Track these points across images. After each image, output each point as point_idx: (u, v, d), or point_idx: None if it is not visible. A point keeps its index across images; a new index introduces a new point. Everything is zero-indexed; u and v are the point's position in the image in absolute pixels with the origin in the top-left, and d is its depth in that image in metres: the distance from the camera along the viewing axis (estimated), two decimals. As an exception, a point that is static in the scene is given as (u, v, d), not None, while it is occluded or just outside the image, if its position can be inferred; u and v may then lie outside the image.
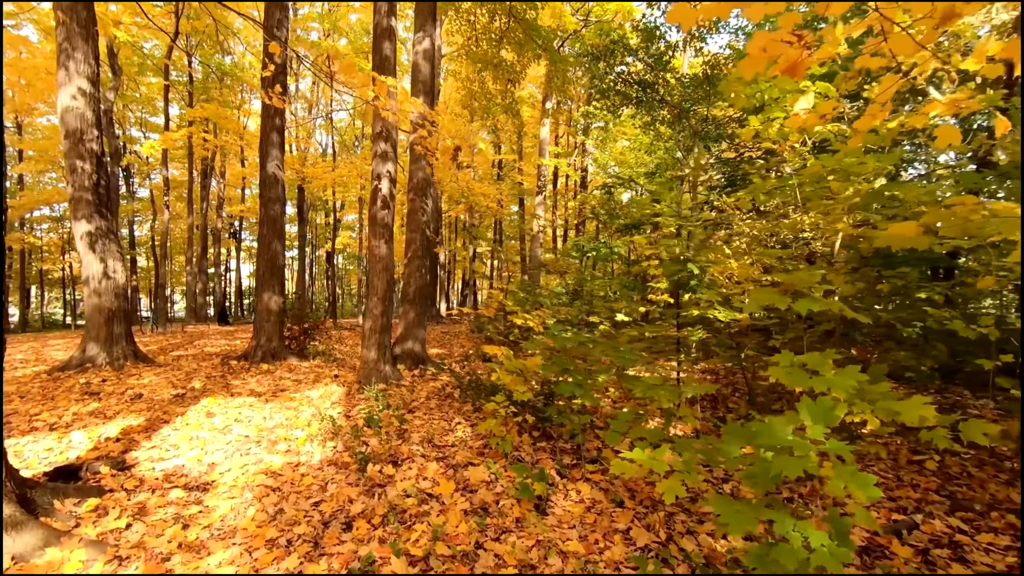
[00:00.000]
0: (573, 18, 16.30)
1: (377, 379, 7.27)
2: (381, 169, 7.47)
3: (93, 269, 8.80)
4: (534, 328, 6.87)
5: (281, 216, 10.07)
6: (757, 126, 5.57)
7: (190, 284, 28.06)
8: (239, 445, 4.78)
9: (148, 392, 6.86)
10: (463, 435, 5.00)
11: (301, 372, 8.67)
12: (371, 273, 7.58)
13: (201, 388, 7.19)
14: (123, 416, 5.62)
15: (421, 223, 8.97)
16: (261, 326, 9.74)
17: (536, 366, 4.21)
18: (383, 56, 7.56)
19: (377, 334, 7.41)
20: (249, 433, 5.11)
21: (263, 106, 9.91)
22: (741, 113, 12.23)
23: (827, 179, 4.94)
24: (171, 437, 4.95)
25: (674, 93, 12.53)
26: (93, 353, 8.85)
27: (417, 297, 9.02)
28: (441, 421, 5.46)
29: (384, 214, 7.50)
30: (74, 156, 8.61)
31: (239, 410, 6.00)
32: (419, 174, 9.00)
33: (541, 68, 21.58)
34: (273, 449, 4.69)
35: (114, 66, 18.97)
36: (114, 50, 19.17)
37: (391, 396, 6.58)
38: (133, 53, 22.60)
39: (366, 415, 5.47)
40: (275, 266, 9.89)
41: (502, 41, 12.06)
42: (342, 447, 4.65)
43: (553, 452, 4.48)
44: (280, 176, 10.03)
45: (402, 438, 4.87)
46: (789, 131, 5.62)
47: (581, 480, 3.90)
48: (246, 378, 8.02)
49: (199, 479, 4.02)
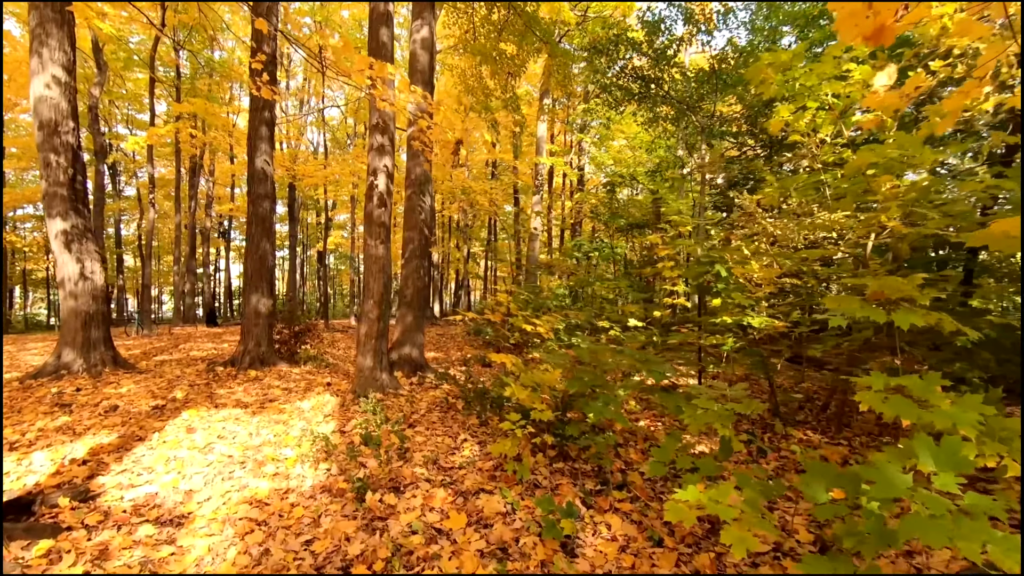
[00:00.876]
0: (572, 13, 15.86)
1: (373, 388, 6.78)
2: (378, 164, 6.98)
3: (69, 270, 8.26)
4: (543, 334, 6.40)
5: (270, 214, 9.55)
6: (787, 116, 5.14)
7: (178, 284, 27.37)
8: (221, 467, 4.28)
9: (125, 403, 6.34)
10: (471, 454, 4.53)
11: (291, 379, 8.17)
12: (367, 274, 7.09)
13: (183, 398, 6.67)
14: (94, 432, 5.10)
15: (419, 221, 8.49)
16: (249, 330, 9.21)
17: (555, 380, 3.75)
18: (379, 42, 7.07)
19: (373, 340, 6.92)
20: (233, 452, 4.62)
21: (251, 99, 9.38)
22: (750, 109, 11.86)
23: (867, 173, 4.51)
24: (145, 458, 4.44)
25: (679, 88, 12.12)
26: (69, 359, 8.30)
27: (415, 299, 8.54)
28: (445, 437, 4.98)
29: (381, 212, 7.01)
30: (48, 149, 8.06)
31: (223, 424, 5.49)
32: (417, 170, 8.52)
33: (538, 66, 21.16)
34: (259, 472, 4.19)
35: (99, 61, 18.35)
36: (99, 45, 18.55)
37: (389, 408, 6.10)
38: (119, 48, 21.92)
39: (363, 431, 4.99)
40: (264, 266, 9.37)
41: (501, 33, 11.59)
42: (336, 470, 4.16)
43: (573, 475, 4.02)
44: (269, 172, 9.50)
45: (403, 458, 4.39)
46: (821, 122, 5.19)
47: (610, 511, 3.44)
48: (232, 387, 7.50)
49: (173, 511, 3.52)
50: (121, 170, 32.16)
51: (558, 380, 3.75)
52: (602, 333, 7.70)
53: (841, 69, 4.35)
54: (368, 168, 7.08)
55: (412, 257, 8.52)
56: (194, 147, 22.55)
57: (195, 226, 27.75)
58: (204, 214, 30.70)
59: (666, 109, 13.10)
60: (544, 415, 3.54)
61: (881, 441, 4.82)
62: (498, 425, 5.24)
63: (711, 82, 11.89)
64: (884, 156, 4.02)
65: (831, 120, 5.04)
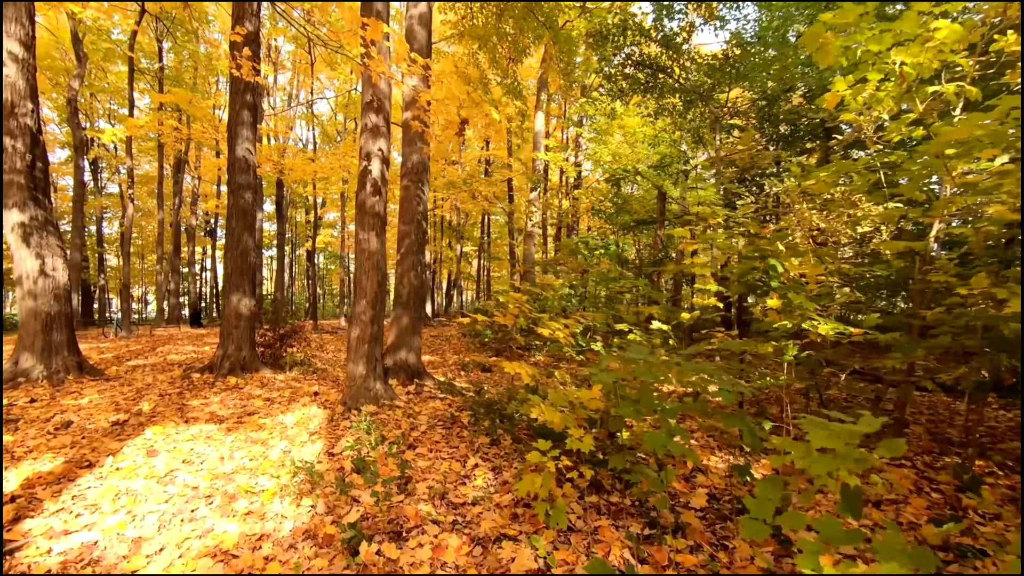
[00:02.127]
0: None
1: (366, 400, 6.02)
2: (371, 147, 6.22)
3: (28, 266, 7.45)
4: (561, 339, 5.67)
5: (253, 206, 8.74)
6: (843, 90, 4.47)
7: (161, 284, 26.44)
8: (182, 503, 3.52)
9: (82, 418, 5.54)
10: (484, 483, 3.79)
11: (275, 388, 7.39)
12: (359, 271, 6.33)
13: (150, 411, 5.88)
14: (36, 456, 4.31)
15: (417, 214, 7.73)
16: (229, 332, 8.41)
17: (594, 399, 3.04)
18: (375, 12, 6.31)
19: (366, 345, 6.16)
20: (199, 483, 3.85)
21: (232, 79, 8.58)
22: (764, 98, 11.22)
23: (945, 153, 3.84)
24: (91, 491, 3.66)
25: (692, 76, 11.45)
26: (28, 365, 7.49)
27: (412, 299, 7.78)
28: (452, 461, 4.24)
29: (375, 201, 6.24)
30: (3, 132, 7.24)
31: (192, 445, 4.72)
32: (414, 157, 7.76)
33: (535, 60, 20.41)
34: (229, 510, 3.43)
35: (79, 53, 17.50)
36: (79, 36, 17.71)
37: (385, 423, 5.35)
38: (98, 38, 21.01)
39: (354, 454, 4.25)
40: (246, 263, 8.56)
41: (502, 16, 10.85)
42: (323, 507, 3.41)
43: (611, 512, 3.30)
44: (252, 161, 8.71)
45: (404, 491, 3.65)
46: (885, 95, 4.52)
47: (670, 567, 2.73)
48: (208, 396, 6.72)
49: (114, 568, 2.77)
50: (104, 166, 31.17)
51: (598, 398, 3.04)
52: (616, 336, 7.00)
53: (929, 28, 3.65)
54: (360, 152, 6.32)
55: (408, 253, 7.76)
56: (179, 142, 21.63)
57: (180, 224, 26.82)
58: (190, 212, 29.76)
59: (674, 100, 12.43)
60: (584, 444, 2.82)
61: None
62: (511, 445, 4.52)
63: (723, 70, 11.24)
64: (988, 131, 3.35)
65: (897, 94, 4.35)
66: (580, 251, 11.06)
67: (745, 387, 2.79)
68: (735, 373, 4.38)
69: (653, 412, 2.66)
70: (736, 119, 12.60)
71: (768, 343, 3.94)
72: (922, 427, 5.14)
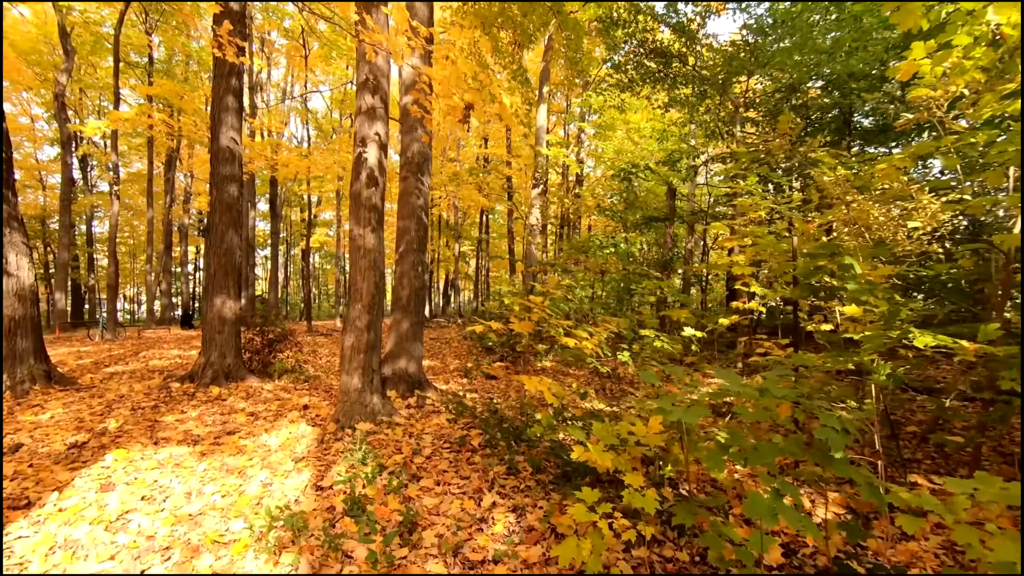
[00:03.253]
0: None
1: (361, 416, 5.32)
2: (367, 131, 5.52)
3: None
4: (588, 350, 4.99)
5: (239, 200, 8.03)
6: (921, 58, 3.81)
7: (150, 284, 25.66)
8: (132, 561, 2.82)
9: (36, 439, 4.84)
10: (505, 530, 3.11)
11: (261, 399, 6.69)
12: (354, 271, 5.63)
13: (116, 430, 5.17)
14: (-34, 492, 3.61)
15: (417, 208, 7.03)
16: (212, 338, 7.70)
17: (656, 433, 2.36)
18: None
19: (362, 354, 5.46)
20: (157, 529, 3.15)
21: (215, 62, 7.86)
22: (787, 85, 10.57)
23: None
24: (19, 545, 2.96)
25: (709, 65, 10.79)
26: (-13, 376, 6.76)
27: (412, 301, 7.08)
28: (464, 499, 3.55)
29: (371, 192, 5.55)
30: (-42, 119, 6.53)
31: (156, 474, 4.02)
32: (414, 146, 7.07)
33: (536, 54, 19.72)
34: (188, 569, 2.75)
35: (66, 47, 16.84)
36: (67, 30, 17.04)
37: (383, 445, 4.65)
38: (85, 30, 20.32)
39: (347, 491, 3.56)
40: (231, 263, 7.85)
41: (508, 0, 10.17)
42: (306, 566, 2.72)
43: (667, 570, 2.63)
44: (237, 151, 8.00)
45: (408, 542, 2.96)
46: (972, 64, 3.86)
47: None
48: (185, 410, 6.01)
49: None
50: (94, 164, 30.40)
51: (658, 434, 2.36)
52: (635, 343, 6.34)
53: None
54: (355, 137, 5.62)
55: (408, 251, 7.07)
56: (170, 138, 20.91)
57: (171, 222, 26.04)
58: (182, 210, 28.96)
59: (686, 91, 11.77)
60: (648, 501, 2.14)
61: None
62: (532, 477, 3.83)
63: (740, 56, 10.58)
64: None
65: (989, 61, 3.69)
66: (592, 250, 10.36)
67: (851, 421, 2.12)
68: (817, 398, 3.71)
69: (745, 460, 1.97)
70: (751, 112, 11.97)
71: (846, 357, 3.27)
72: None
